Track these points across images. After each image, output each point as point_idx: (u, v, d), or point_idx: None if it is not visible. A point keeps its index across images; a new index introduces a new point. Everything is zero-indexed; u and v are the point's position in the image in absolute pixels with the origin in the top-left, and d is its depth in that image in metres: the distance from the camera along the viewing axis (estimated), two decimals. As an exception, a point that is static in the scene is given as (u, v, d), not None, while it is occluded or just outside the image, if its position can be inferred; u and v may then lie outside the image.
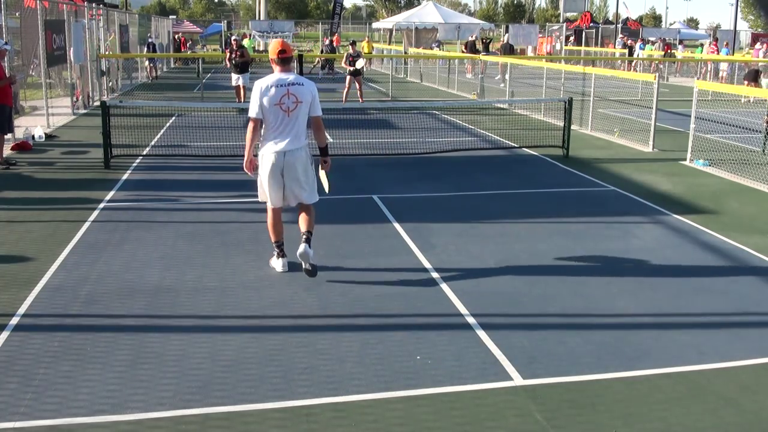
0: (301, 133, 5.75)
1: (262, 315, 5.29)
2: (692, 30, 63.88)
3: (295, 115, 5.64)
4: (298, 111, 5.65)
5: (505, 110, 18.17)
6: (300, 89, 5.64)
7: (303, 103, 5.65)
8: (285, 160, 5.68)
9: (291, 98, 5.60)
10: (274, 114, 5.62)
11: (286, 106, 5.60)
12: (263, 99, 5.60)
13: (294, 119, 5.65)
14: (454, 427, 3.87)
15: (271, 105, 5.58)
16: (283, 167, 5.70)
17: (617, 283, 6.04)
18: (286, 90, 5.59)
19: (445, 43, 40.39)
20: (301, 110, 5.67)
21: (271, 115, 5.63)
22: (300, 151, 5.73)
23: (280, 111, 5.60)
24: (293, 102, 5.60)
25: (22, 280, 5.87)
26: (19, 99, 15.01)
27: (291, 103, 5.60)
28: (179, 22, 47.61)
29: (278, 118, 5.62)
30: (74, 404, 4.00)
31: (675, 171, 10.84)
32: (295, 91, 5.61)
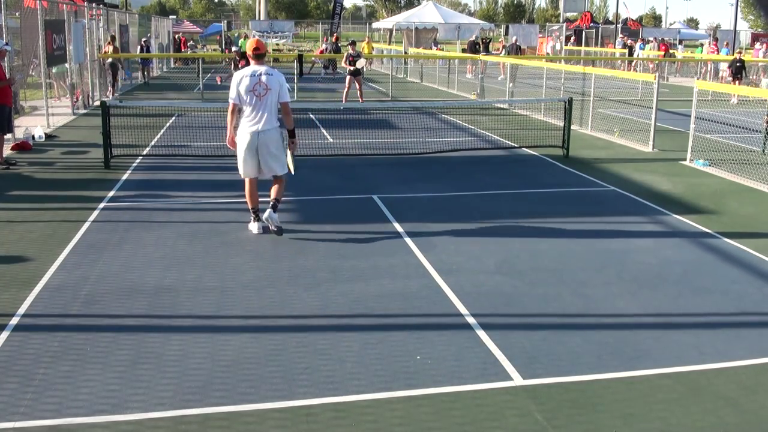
0: (272, 116, 6.75)
1: (262, 315, 5.29)
2: (692, 30, 63.89)
3: (265, 99, 6.66)
4: (268, 96, 6.68)
5: (505, 110, 18.17)
6: (269, 78, 6.67)
7: (272, 90, 6.67)
8: (259, 139, 6.73)
9: (262, 86, 6.64)
10: (249, 99, 6.65)
11: (258, 92, 6.64)
12: (239, 87, 6.65)
13: (264, 103, 6.67)
14: (454, 427, 3.87)
15: (246, 91, 6.63)
16: (257, 145, 6.74)
17: (617, 283, 6.04)
18: (258, 79, 6.64)
19: (445, 43, 40.38)
20: (270, 96, 6.69)
21: (246, 100, 6.67)
22: (272, 131, 6.76)
23: (254, 96, 6.64)
24: (264, 89, 6.64)
25: (22, 280, 5.87)
26: (18, 99, 15.00)
27: (262, 90, 6.64)
28: (179, 22, 47.61)
29: (252, 102, 6.65)
30: (74, 404, 4.00)
31: (675, 171, 10.84)
32: (265, 80, 6.66)
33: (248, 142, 6.75)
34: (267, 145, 6.76)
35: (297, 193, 9.03)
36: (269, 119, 6.73)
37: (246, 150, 6.79)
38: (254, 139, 6.73)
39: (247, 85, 6.63)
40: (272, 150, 6.81)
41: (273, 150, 6.82)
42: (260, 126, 6.70)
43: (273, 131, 6.78)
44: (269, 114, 6.71)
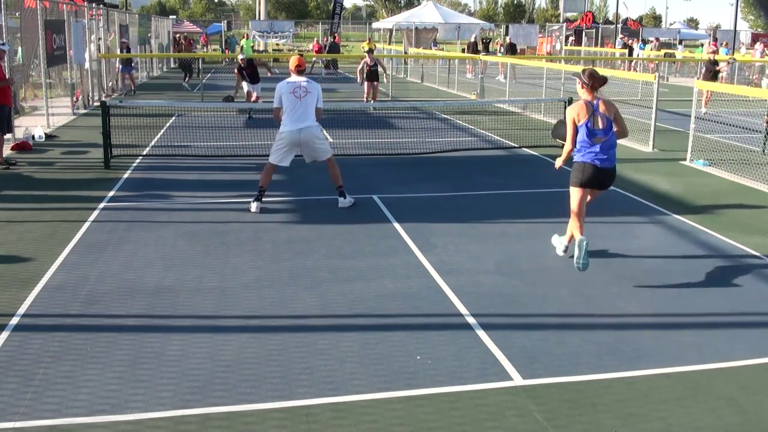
0: (311, 114, 7.80)
1: (262, 315, 5.29)
2: (692, 30, 63.89)
3: (305, 100, 7.72)
4: (307, 98, 7.73)
5: (505, 110, 18.16)
6: (309, 85, 7.82)
7: (311, 93, 7.77)
8: (301, 134, 7.76)
9: (302, 89, 7.73)
10: (290, 101, 7.70)
11: (298, 95, 7.72)
12: (282, 92, 7.79)
13: (304, 104, 7.72)
14: (454, 427, 3.87)
15: (287, 94, 7.71)
16: (300, 140, 7.80)
17: (617, 283, 6.04)
18: (299, 84, 7.78)
19: (445, 43, 40.39)
20: (310, 98, 7.75)
21: (287, 102, 7.73)
22: (313, 127, 7.83)
23: (294, 98, 7.70)
24: (304, 92, 7.73)
25: (22, 280, 5.87)
26: (18, 99, 15.01)
27: (302, 92, 7.73)
28: (179, 22, 47.62)
29: (293, 103, 7.70)
30: (74, 404, 4.00)
31: (675, 171, 10.84)
32: (305, 85, 7.79)
33: (291, 138, 7.75)
34: (309, 139, 7.80)
35: (297, 193, 9.04)
36: (309, 117, 7.75)
37: (287, 145, 7.83)
38: (296, 136, 7.72)
39: (289, 90, 7.71)
40: (315, 142, 7.87)
41: (316, 142, 7.88)
42: (302, 124, 7.70)
43: (314, 127, 7.80)
44: (309, 113, 7.74)
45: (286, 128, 7.80)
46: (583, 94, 6.32)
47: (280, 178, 10.01)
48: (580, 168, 6.29)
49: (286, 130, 7.78)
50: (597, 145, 6.18)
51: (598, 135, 6.17)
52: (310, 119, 7.78)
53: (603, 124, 6.18)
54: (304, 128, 7.74)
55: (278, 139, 7.95)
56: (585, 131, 6.18)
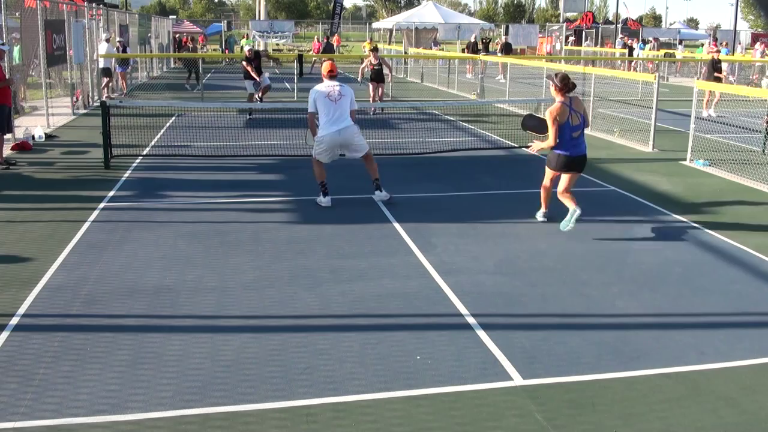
0: (347, 116, 8.03)
1: (262, 315, 5.29)
2: (692, 30, 63.90)
3: (340, 103, 7.95)
4: (342, 101, 7.96)
5: (505, 110, 18.16)
6: (342, 88, 8.03)
7: (345, 96, 8.00)
8: (341, 135, 7.98)
9: (336, 93, 7.96)
10: (326, 104, 7.93)
11: (333, 98, 7.94)
12: (316, 97, 7.97)
13: (340, 106, 7.95)
14: (454, 427, 3.87)
15: (321, 98, 7.93)
16: (340, 141, 8.03)
17: (617, 283, 6.04)
18: (332, 88, 7.99)
19: (445, 43, 40.40)
20: (344, 101, 7.98)
21: (323, 106, 7.94)
22: (351, 126, 8.05)
23: (330, 101, 7.92)
24: (338, 95, 7.96)
25: (22, 280, 5.87)
26: (18, 99, 15.00)
27: (336, 96, 7.95)
28: (179, 22, 47.62)
29: (329, 107, 7.93)
30: (74, 404, 4.00)
31: (675, 171, 10.84)
32: (338, 89, 7.98)
33: (331, 141, 7.99)
34: (349, 138, 8.05)
35: (297, 193, 9.04)
36: (346, 118, 7.99)
37: (328, 145, 8.06)
38: (336, 138, 7.96)
39: (324, 93, 7.95)
40: (355, 140, 8.11)
41: (355, 140, 8.12)
42: (340, 125, 7.94)
43: (351, 126, 8.04)
44: (345, 115, 7.98)
45: (324, 131, 7.98)
46: (557, 96, 7.23)
47: (280, 178, 10.02)
48: (556, 157, 7.32)
49: (326, 133, 7.97)
50: (575, 139, 7.22)
51: (576, 130, 7.21)
52: (347, 120, 8.01)
53: (578, 119, 7.21)
54: (342, 129, 7.96)
55: (318, 143, 8.13)
56: (566, 128, 7.15)
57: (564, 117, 7.07)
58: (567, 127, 7.11)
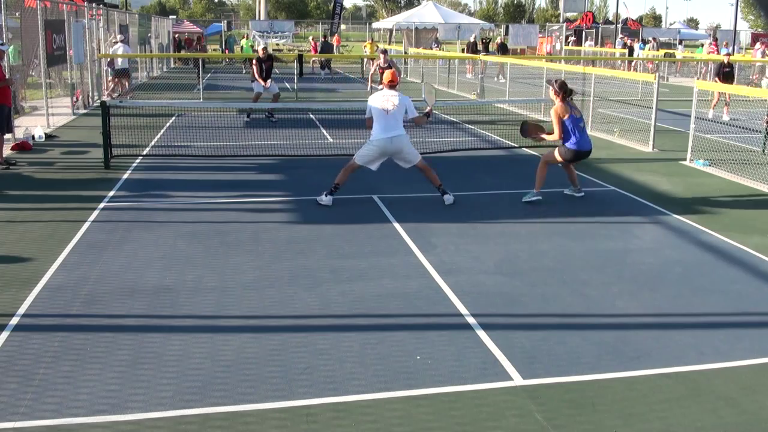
0: (399, 125, 8.33)
1: (262, 315, 5.29)
2: (692, 30, 63.90)
3: (393, 113, 8.23)
4: (396, 111, 8.25)
5: (505, 110, 18.16)
6: (399, 98, 8.30)
7: (398, 106, 8.27)
8: (392, 143, 8.28)
9: (390, 103, 8.25)
10: (380, 113, 8.24)
11: (386, 109, 8.24)
12: (372, 105, 8.30)
13: (393, 116, 8.24)
14: (454, 427, 3.87)
15: (377, 107, 8.27)
16: (392, 148, 8.32)
17: (617, 283, 6.04)
18: (387, 99, 8.28)
19: (445, 42, 40.41)
20: (398, 110, 8.26)
21: (377, 114, 8.27)
22: (402, 136, 8.33)
23: (385, 111, 8.23)
24: (392, 105, 8.24)
25: (22, 280, 5.87)
26: (18, 99, 15.00)
27: (390, 106, 8.24)
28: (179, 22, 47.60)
29: (383, 115, 8.24)
30: (74, 404, 4.00)
31: (675, 171, 10.84)
32: (393, 99, 8.27)
33: (382, 146, 8.27)
34: (399, 147, 8.31)
35: (297, 193, 9.04)
36: (399, 126, 8.29)
37: (378, 151, 8.33)
38: (387, 144, 8.25)
39: (379, 103, 8.24)
40: (404, 149, 8.36)
41: (405, 149, 8.37)
42: (392, 132, 8.23)
43: (403, 135, 8.31)
44: (398, 123, 8.29)
45: (377, 136, 8.27)
46: (556, 100, 8.31)
47: (280, 178, 10.02)
48: (566, 150, 8.38)
49: (378, 138, 8.26)
50: (583, 133, 8.30)
51: (581, 121, 8.30)
52: (399, 128, 8.30)
53: (579, 112, 8.37)
54: (394, 137, 8.23)
55: (369, 145, 8.37)
56: (572, 120, 8.20)
57: (567, 113, 8.18)
58: (573, 119, 8.19)
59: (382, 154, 8.38)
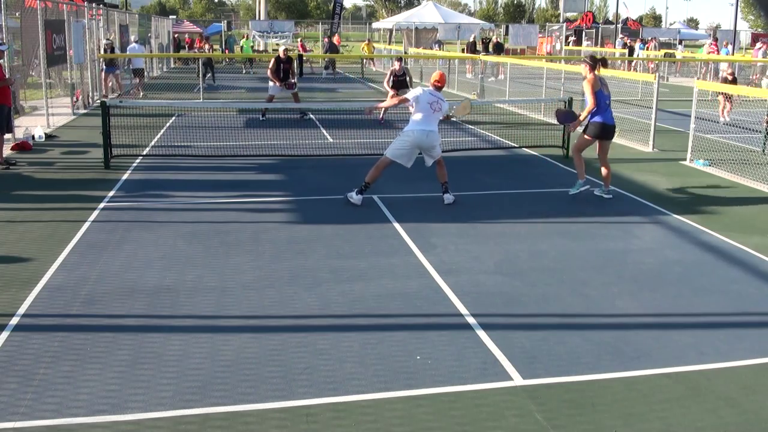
0: (436, 123, 8.66)
1: (262, 315, 5.29)
2: (692, 30, 63.89)
3: (437, 114, 8.61)
4: (439, 113, 8.64)
5: (504, 110, 18.16)
6: (442, 103, 8.66)
7: (442, 108, 8.67)
8: (428, 137, 8.52)
9: (437, 104, 8.58)
10: (425, 109, 8.51)
11: (434, 108, 8.55)
12: (421, 99, 8.52)
13: (435, 116, 8.60)
14: (454, 427, 3.87)
15: (425, 103, 8.51)
16: (426, 140, 8.52)
17: (617, 283, 6.04)
18: (436, 99, 8.58)
19: (445, 42, 40.40)
20: (440, 113, 8.65)
21: (422, 109, 8.52)
22: (435, 132, 8.64)
23: (431, 108, 8.53)
24: (438, 107, 8.59)
25: (22, 280, 5.87)
26: (18, 99, 15.00)
27: (437, 107, 8.58)
28: (179, 22, 47.60)
29: (427, 112, 8.51)
30: (74, 404, 4.00)
31: (675, 171, 10.84)
32: (440, 101, 8.62)
33: (418, 138, 8.48)
34: (433, 142, 8.55)
35: (297, 193, 9.04)
36: (435, 124, 8.61)
37: (412, 144, 8.52)
38: (423, 137, 8.47)
39: (428, 100, 8.50)
40: (435, 145, 8.60)
41: (436, 145, 8.61)
42: (430, 127, 8.52)
43: (436, 132, 8.62)
44: (436, 122, 8.63)
45: (415, 127, 8.50)
46: (588, 74, 8.69)
47: (280, 178, 10.02)
48: (594, 125, 8.75)
49: (416, 129, 8.48)
50: (608, 109, 8.73)
51: (608, 98, 8.73)
52: (435, 126, 8.62)
53: (608, 90, 8.78)
54: (431, 132, 8.50)
55: (404, 136, 8.59)
56: (602, 96, 8.63)
57: (598, 85, 8.60)
58: (602, 94, 8.62)
59: (415, 147, 8.56)
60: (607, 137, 8.81)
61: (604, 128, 8.68)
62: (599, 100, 8.57)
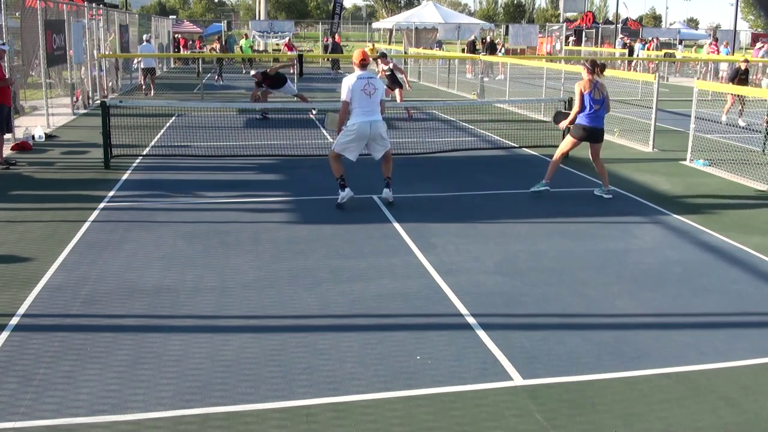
0: (378, 109, 8.17)
1: (262, 315, 5.29)
2: (692, 30, 63.87)
3: (374, 97, 8.08)
4: (375, 95, 8.09)
5: (505, 110, 18.16)
6: (375, 81, 8.15)
7: (378, 89, 8.12)
8: (371, 127, 8.06)
9: (371, 86, 8.04)
10: (361, 97, 8.00)
11: (368, 91, 8.03)
12: (352, 89, 7.98)
13: (373, 100, 8.08)
14: (454, 427, 3.87)
15: (358, 91, 7.98)
16: (370, 132, 8.07)
17: (617, 283, 6.04)
18: (367, 81, 8.06)
19: (445, 42, 40.41)
20: (377, 95, 8.11)
21: (358, 98, 8.00)
22: (380, 122, 8.17)
23: (365, 95, 8.02)
24: (373, 88, 8.06)
25: (22, 280, 5.87)
26: (18, 99, 15.00)
27: (371, 89, 8.05)
28: (179, 22, 47.60)
29: (364, 99, 8.02)
30: (74, 404, 4.00)
31: (675, 171, 10.84)
32: (373, 82, 8.11)
33: (362, 130, 8.02)
34: (378, 132, 8.10)
35: (297, 193, 9.04)
36: (377, 111, 8.11)
37: (357, 137, 8.07)
38: (366, 128, 8.01)
39: (360, 87, 7.99)
40: (382, 134, 8.17)
41: (383, 134, 8.18)
42: (372, 117, 8.05)
43: (380, 121, 8.16)
44: (377, 108, 8.11)
45: (357, 120, 8.03)
46: (586, 76, 8.77)
47: (280, 178, 10.01)
48: (579, 128, 8.80)
49: (358, 121, 8.01)
50: (595, 112, 8.69)
51: (597, 103, 8.68)
52: (378, 113, 8.14)
53: (600, 95, 8.72)
54: (374, 121, 8.05)
55: (347, 131, 8.12)
56: (588, 99, 8.65)
57: (588, 88, 8.64)
58: (589, 97, 8.64)
59: (360, 139, 8.10)
60: (593, 140, 8.85)
61: (587, 131, 8.72)
62: (587, 103, 8.61)
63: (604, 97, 8.73)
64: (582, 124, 8.72)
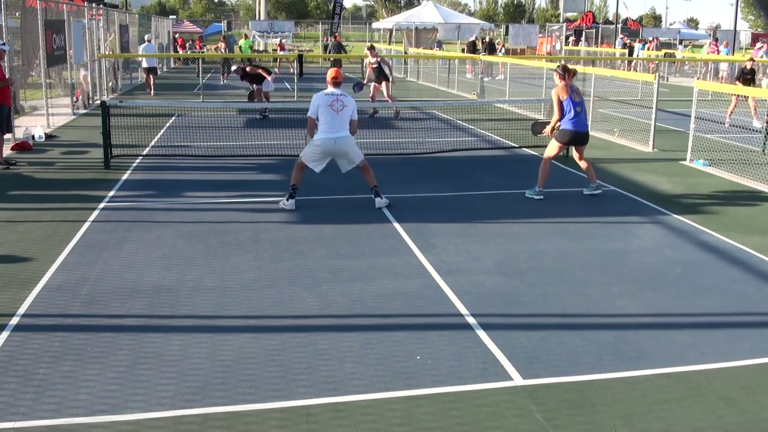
0: (346, 126, 8.11)
1: (262, 315, 5.29)
2: (692, 30, 63.88)
3: (341, 114, 8.05)
4: (344, 112, 8.07)
5: (505, 110, 18.16)
6: (345, 99, 8.12)
7: (347, 107, 8.10)
8: (336, 144, 8.04)
9: (339, 103, 8.06)
10: (328, 113, 8.01)
11: (336, 108, 8.03)
12: (319, 104, 8.04)
13: (340, 117, 8.04)
14: (454, 427, 3.87)
15: (324, 107, 8.02)
16: (334, 148, 8.07)
17: (617, 283, 6.04)
18: (336, 97, 8.08)
19: (445, 42, 40.40)
20: (346, 112, 8.09)
21: (325, 114, 8.02)
22: (346, 138, 8.10)
23: (332, 111, 8.01)
24: (341, 105, 8.06)
25: (22, 280, 5.87)
26: (18, 99, 15.00)
27: (339, 106, 8.05)
28: (179, 22, 47.60)
29: (330, 116, 8.01)
30: (74, 404, 4.00)
31: (675, 171, 10.84)
32: (341, 99, 8.09)
33: (326, 146, 8.03)
34: (344, 148, 8.08)
35: (297, 193, 9.03)
36: (344, 128, 8.08)
37: (322, 152, 8.09)
38: (331, 145, 8.01)
39: (326, 102, 8.01)
40: (349, 151, 8.13)
41: (350, 151, 8.14)
42: (337, 133, 8.00)
43: (348, 137, 8.11)
44: (344, 125, 8.08)
45: (322, 136, 8.03)
46: (559, 82, 8.73)
47: (280, 178, 10.01)
48: (563, 133, 8.78)
49: (322, 138, 8.01)
50: (578, 115, 8.65)
51: (578, 105, 8.67)
52: (344, 130, 8.08)
53: (579, 98, 8.74)
54: (339, 138, 8.00)
55: (313, 146, 8.13)
56: (570, 103, 8.61)
57: (565, 93, 8.60)
58: (570, 102, 8.59)
59: (326, 155, 8.14)
60: (579, 143, 8.87)
61: (573, 135, 8.70)
62: (568, 108, 8.59)
63: (583, 99, 8.81)
64: (568, 129, 8.65)
